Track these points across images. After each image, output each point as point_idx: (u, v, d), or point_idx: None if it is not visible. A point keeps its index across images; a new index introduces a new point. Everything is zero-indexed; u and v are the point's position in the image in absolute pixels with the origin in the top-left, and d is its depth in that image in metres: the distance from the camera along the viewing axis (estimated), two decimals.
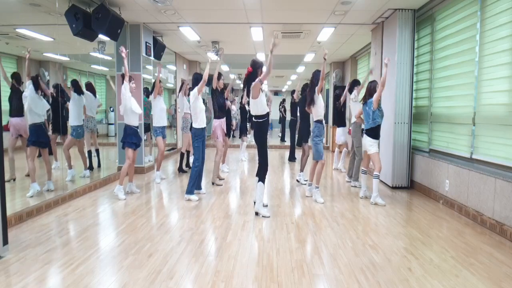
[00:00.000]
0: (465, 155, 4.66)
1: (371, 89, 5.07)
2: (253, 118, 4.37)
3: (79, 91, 6.05)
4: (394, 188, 5.98)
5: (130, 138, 5.20)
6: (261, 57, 10.90)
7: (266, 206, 4.78)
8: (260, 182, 4.38)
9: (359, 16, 6.36)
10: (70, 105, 6.04)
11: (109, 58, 7.23)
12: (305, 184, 6.03)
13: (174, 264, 3.02)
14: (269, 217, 4.33)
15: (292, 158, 9.06)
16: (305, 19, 6.73)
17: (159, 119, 6.36)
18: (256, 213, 4.40)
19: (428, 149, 5.66)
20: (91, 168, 6.50)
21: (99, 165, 6.86)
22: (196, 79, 5.32)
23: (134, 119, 5.24)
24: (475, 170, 4.26)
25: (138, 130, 5.36)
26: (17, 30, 5.69)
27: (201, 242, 3.53)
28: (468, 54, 4.61)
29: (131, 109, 5.12)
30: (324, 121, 5.20)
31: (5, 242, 3.18)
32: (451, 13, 5.02)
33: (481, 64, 4.36)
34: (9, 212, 3.53)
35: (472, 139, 4.51)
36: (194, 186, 5.22)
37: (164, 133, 6.49)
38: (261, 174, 4.39)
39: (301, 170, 6.42)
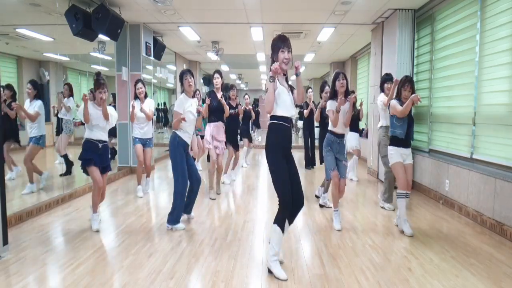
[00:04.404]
0: (465, 155, 4.66)
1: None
2: (285, 119, 2.88)
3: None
4: (394, 188, 5.97)
5: (89, 153, 3.84)
6: (261, 57, 10.92)
7: (282, 262, 3.09)
8: (275, 225, 2.88)
9: (359, 16, 6.36)
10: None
11: (109, 58, 7.24)
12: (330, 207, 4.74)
13: (174, 264, 3.02)
14: (285, 280, 2.80)
15: (308, 164, 7.94)
16: (305, 19, 6.73)
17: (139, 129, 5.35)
18: (269, 270, 2.91)
19: (428, 149, 5.65)
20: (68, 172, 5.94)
21: (66, 173, 5.95)
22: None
23: (96, 133, 3.90)
24: (475, 170, 4.26)
25: (100, 145, 3.89)
26: (17, 30, 5.69)
27: (201, 242, 3.53)
28: (468, 54, 4.61)
29: (91, 122, 3.85)
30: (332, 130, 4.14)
31: (5, 242, 3.18)
32: (451, 13, 5.02)
33: (481, 64, 4.36)
34: (9, 212, 3.52)
35: (472, 139, 4.51)
36: (177, 213, 3.93)
37: (146, 143, 5.36)
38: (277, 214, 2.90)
39: (325, 191, 4.88)
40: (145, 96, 5.28)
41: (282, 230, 2.86)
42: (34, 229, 3.88)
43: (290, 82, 3.02)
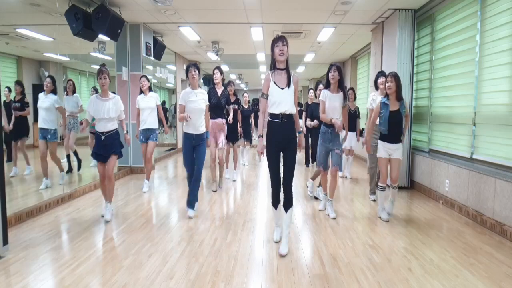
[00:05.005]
0: (465, 155, 4.66)
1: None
2: (283, 116, 3.25)
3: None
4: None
5: (96, 147, 4.12)
6: (261, 57, 10.92)
7: (277, 242, 3.56)
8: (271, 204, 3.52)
9: (359, 16, 6.35)
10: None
11: (109, 58, 7.23)
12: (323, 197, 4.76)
13: (174, 264, 3.02)
14: (276, 241, 3.53)
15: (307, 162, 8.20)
16: (305, 19, 6.73)
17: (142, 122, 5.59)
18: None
19: (428, 149, 5.65)
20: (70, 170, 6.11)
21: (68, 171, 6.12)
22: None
23: (101, 125, 4.09)
24: (475, 170, 4.26)
25: (103, 136, 4.07)
26: (17, 30, 5.69)
27: (201, 242, 3.53)
28: (468, 54, 4.61)
29: (95, 117, 4.12)
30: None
31: (5, 242, 3.18)
32: (451, 13, 5.02)
33: (481, 64, 4.36)
34: (9, 212, 3.52)
35: (472, 139, 4.51)
36: (190, 194, 4.39)
37: (150, 136, 5.65)
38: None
39: (313, 178, 5.14)
40: (150, 90, 5.70)
41: (275, 207, 3.44)
42: (34, 229, 3.88)
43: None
